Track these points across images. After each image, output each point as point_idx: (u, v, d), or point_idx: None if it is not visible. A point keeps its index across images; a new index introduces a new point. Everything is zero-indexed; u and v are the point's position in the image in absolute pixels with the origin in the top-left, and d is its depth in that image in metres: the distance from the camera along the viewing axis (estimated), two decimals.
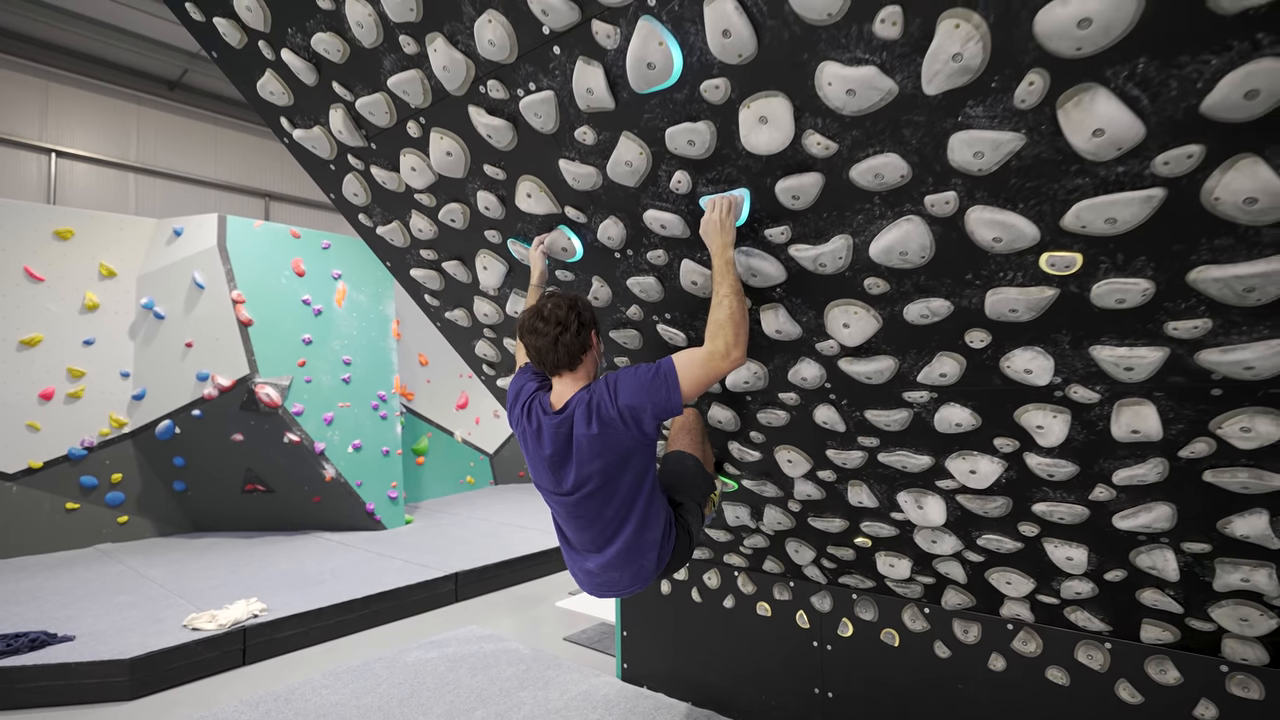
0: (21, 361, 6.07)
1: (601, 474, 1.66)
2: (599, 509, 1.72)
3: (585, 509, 1.73)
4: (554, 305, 1.72)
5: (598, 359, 1.81)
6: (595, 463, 1.65)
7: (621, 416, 1.60)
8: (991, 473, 1.82)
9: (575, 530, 1.80)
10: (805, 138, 1.40)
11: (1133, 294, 1.31)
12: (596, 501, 1.71)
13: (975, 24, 1.12)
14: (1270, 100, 1.00)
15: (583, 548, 1.82)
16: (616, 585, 1.81)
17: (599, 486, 1.68)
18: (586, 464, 1.66)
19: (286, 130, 2.21)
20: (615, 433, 1.61)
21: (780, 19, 1.27)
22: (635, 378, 1.62)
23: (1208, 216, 1.16)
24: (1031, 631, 2.23)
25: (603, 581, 1.81)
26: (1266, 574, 1.63)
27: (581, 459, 1.66)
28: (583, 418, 1.65)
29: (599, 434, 1.62)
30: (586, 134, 1.65)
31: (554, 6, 1.44)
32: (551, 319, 1.70)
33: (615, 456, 1.64)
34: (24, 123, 7.64)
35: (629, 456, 1.65)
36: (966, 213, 1.35)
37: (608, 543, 1.75)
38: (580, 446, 1.65)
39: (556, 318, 1.69)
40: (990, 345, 1.56)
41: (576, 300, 1.75)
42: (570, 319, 1.70)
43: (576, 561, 1.87)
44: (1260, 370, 1.29)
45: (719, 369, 1.55)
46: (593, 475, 1.66)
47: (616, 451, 1.64)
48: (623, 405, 1.60)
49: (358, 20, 1.70)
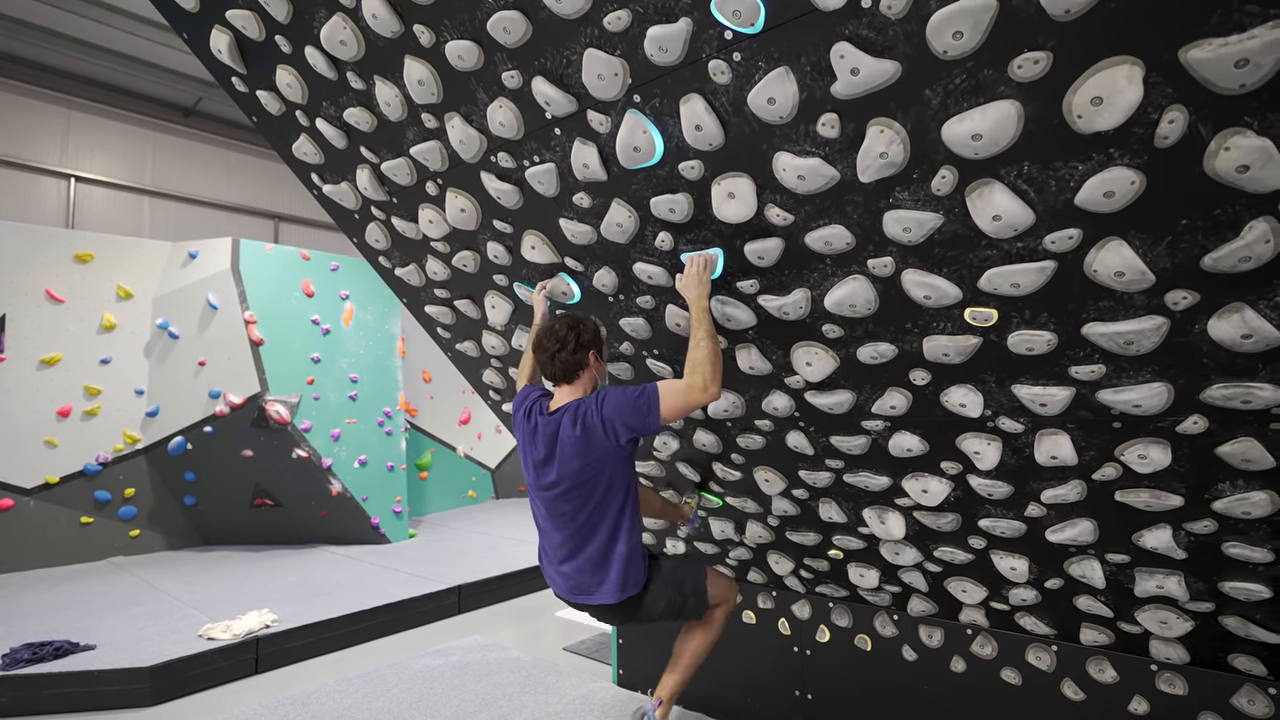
0: (41, 380, 6.31)
1: (578, 474, 1.91)
2: (573, 512, 1.95)
3: (561, 509, 1.96)
4: (560, 325, 2.00)
5: (597, 377, 2.07)
6: (573, 463, 1.91)
7: (603, 425, 1.86)
8: (941, 492, 2.06)
9: (552, 530, 2.02)
10: (767, 210, 1.66)
11: (1039, 343, 1.56)
12: (571, 503, 1.95)
13: (896, 130, 1.39)
14: (1124, 199, 1.26)
15: (556, 549, 2.03)
16: (587, 590, 2.01)
17: (573, 486, 1.93)
18: (566, 462, 1.92)
19: (316, 184, 2.47)
20: (595, 439, 1.87)
21: (742, 118, 1.53)
22: (622, 395, 1.88)
23: (1090, 284, 1.42)
24: (988, 635, 2.46)
25: (574, 585, 2.02)
26: (1176, 581, 1.87)
27: (563, 458, 1.92)
28: (569, 421, 1.91)
29: (580, 437, 1.89)
30: (583, 199, 1.92)
31: (555, 99, 1.70)
32: (554, 336, 1.97)
33: (592, 460, 1.90)
34: (46, 149, 7.94)
35: (604, 464, 1.90)
36: (901, 274, 1.61)
37: (579, 549, 1.98)
38: (563, 446, 1.92)
39: (558, 336, 1.97)
40: (930, 383, 1.81)
41: (580, 323, 2.01)
42: (569, 339, 1.96)
43: (552, 564, 2.08)
44: (1146, 408, 1.54)
45: (696, 400, 1.81)
46: (570, 474, 1.92)
47: (593, 455, 1.89)
48: (605, 415, 1.87)
49: (386, 100, 1.97)
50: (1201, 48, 1.08)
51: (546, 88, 1.70)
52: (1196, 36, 1.08)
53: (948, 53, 1.25)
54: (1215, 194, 1.21)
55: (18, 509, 6.12)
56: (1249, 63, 1.05)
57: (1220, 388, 1.44)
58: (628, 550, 1.98)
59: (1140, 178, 1.24)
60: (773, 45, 1.40)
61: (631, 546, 2.00)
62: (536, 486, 2.03)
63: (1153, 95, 1.15)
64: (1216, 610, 1.90)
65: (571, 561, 2.00)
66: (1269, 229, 1.20)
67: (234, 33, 2.09)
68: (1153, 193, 1.25)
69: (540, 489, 2.00)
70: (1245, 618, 1.87)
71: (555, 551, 2.05)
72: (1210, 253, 1.27)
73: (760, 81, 1.45)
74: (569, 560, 2.01)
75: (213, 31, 2.12)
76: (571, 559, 2.00)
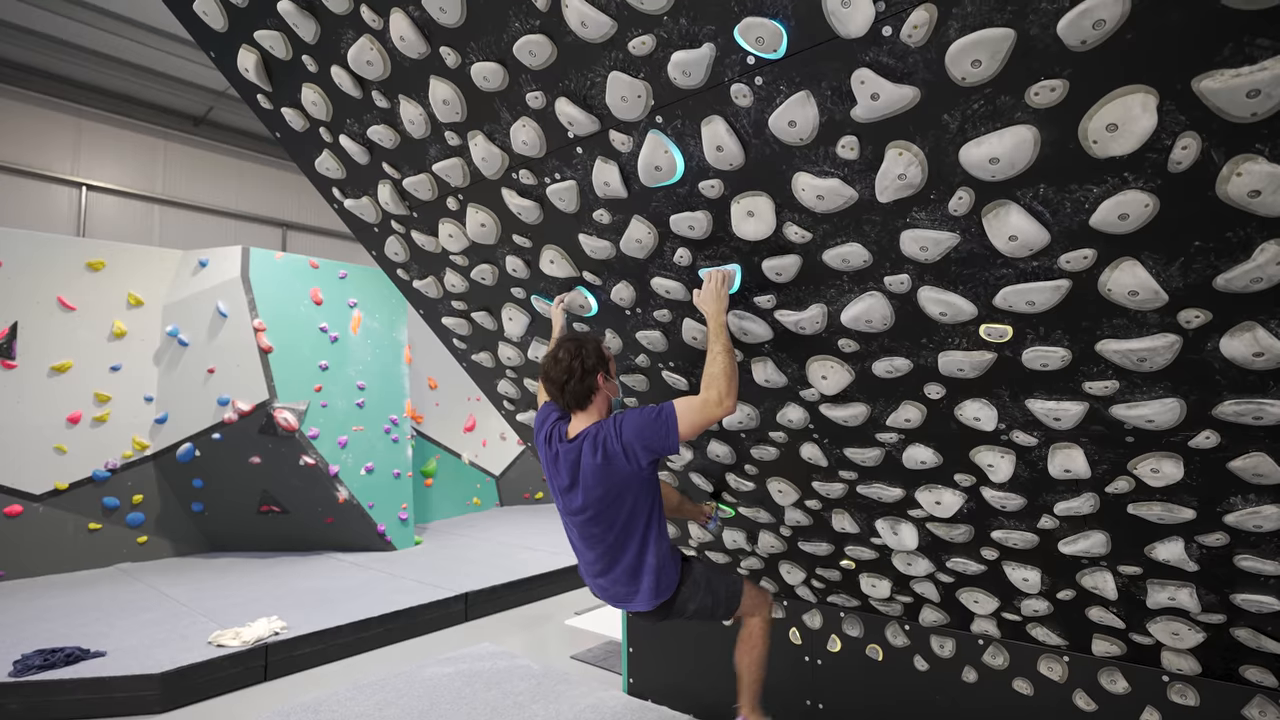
0: (52, 387, 6.36)
1: (603, 500, 1.95)
2: (602, 533, 2.01)
3: (591, 531, 2.03)
4: (564, 353, 1.97)
5: (609, 395, 2.09)
6: (598, 490, 1.94)
7: (624, 451, 1.89)
8: (954, 503, 2.09)
9: (585, 549, 2.10)
10: (785, 228, 1.70)
11: (1053, 359, 1.59)
12: (600, 526, 2.00)
13: (914, 152, 1.43)
14: (1138, 221, 1.30)
15: (591, 565, 2.12)
16: (625, 599, 2.11)
17: (600, 511, 1.97)
18: (591, 490, 1.95)
19: (338, 198, 2.52)
20: (617, 465, 1.90)
21: (763, 139, 1.57)
22: (640, 418, 1.90)
23: (1104, 302, 1.45)
24: (999, 646, 2.48)
25: (613, 594, 2.12)
26: (1188, 593, 1.89)
27: (587, 485, 1.95)
28: (590, 449, 1.92)
29: (602, 464, 1.91)
30: (603, 215, 1.96)
31: (578, 119, 1.75)
32: (560, 367, 1.96)
33: (615, 485, 1.93)
34: (58, 158, 8.03)
35: (627, 487, 1.94)
36: (917, 291, 1.65)
37: (613, 564, 2.05)
38: (586, 474, 1.94)
39: (564, 366, 1.95)
40: (945, 396, 1.84)
41: (582, 348, 1.97)
42: (575, 367, 1.94)
43: (589, 576, 2.17)
44: (1159, 423, 1.57)
45: (713, 415, 1.84)
46: (595, 500, 1.96)
47: (616, 480, 1.92)
48: (625, 441, 1.89)
49: (410, 118, 2.02)
50: (1214, 78, 1.12)
51: (570, 108, 1.74)
52: (1209, 68, 1.12)
53: (966, 79, 1.29)
54: (1227, 217, 1.24)
55: (27, 515, 6.16)
56: (1260, 93, 1.09)
57: (1232, 404, 1.47)
58: (658, 560, 2.04)
59: (1154, 201, 1.27)
60: (794, 70, 1.44)
61: (661, 555, 2.05)
62: (565, 510, 2.06)
63: (1166, 122, 1.19)
64: (1228, 622, 1.92)
65: (607, 575, 2.08)
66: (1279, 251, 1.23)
67: (261, 52, 2.14)
68: (1166, 215, 1.29)
69: (569, 513, 2.05)
70: (1257, 629, 1.89)
71: (590, 566, 2.12)
72: (1222, 273, 1.31)
73: (781, 105, 1.49)
74: (604, 574, 2.08)
75: (240, 50, 2.17)
76: (607, 573, 2.07)
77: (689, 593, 2.15)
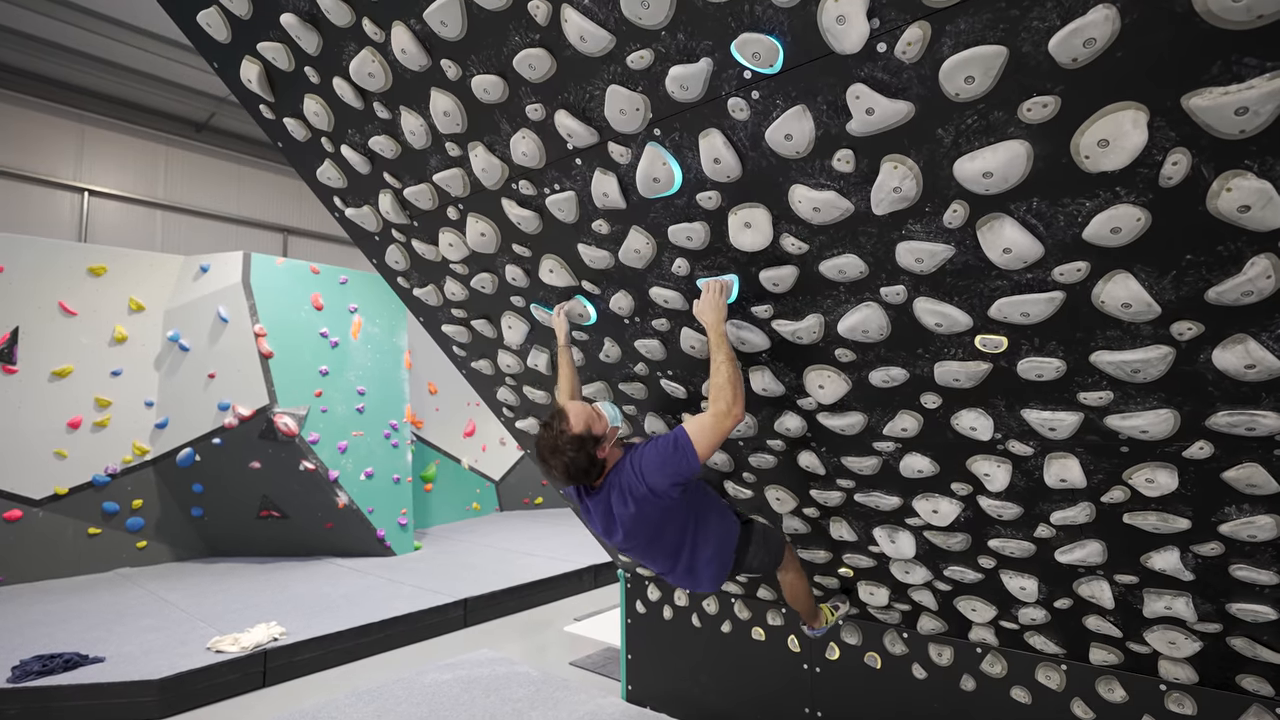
0: (53, 392, 6.37)
1: (645, 534, 1.98)
2: (652, 553, 2.06)
3: (639, 555, 2.08)
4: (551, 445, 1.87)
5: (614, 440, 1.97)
6: (637, 530, 1.95)
7: (652, 491, 1.86)
8: (951, 512, 2.09)
9: (643, 561, 2.13)
10: (782, 239, 1.71)
11: (1048, 370, 1.60)
12: (648, 555, 2.06)
13: (909, 166, 1.44)
14: (1130, 234, 1.31)
15: (652, 566, 2.15)
16: (690, 584, 2.16)
17: (645, 543, 2.01)
18: (631, 534, 1.95)
19: (339, 207, 2.53)
20: (649, 506, 1.88)
21: (759, 152, 1.59)
22: (658, 456, 1.84)
23: (1098, 314, 1.46)
24: (997, 654, 2.48)
25: (681, 583, 2.17)
26: (1184, 602, 1.90)
27: (626, 529, 1.94)
28: (619, 500, 1.90)
29: (636, 511, 1.89)
30: (602, 226, 1.97)
31: (577, 131, 1.76)
32: (558, 468, 1.88)
33: (654, 521, 1.94)
34: (60, 164, 8.06)
35: (666, 518, 1.95)
36: (913, 302, 1.66)
37: (671, 568, 2.10)
38: (622, 520, 1.92)
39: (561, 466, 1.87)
40: (941, 406, 1.85)
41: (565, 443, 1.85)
42: (577, 460, 1.86)
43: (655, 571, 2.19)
44: (1153, 434, 1.58)
45: (725, 427, 1.82)
46: (637, 537, 1.98)
47: (654, 517, 1.93)
48: (650, 484, 1.85)
49: (411, 129, 2.04)
50: (1203, 95, 1.13)
51: (569, 120, 1.76)
52: (1198, 85, 1.13)
53: (960, 95, 1.30)
54: (1218, 231, 1.26)
55: (26, 520, 6.16)
56: (1248, 110, 1.11)
57: (1225, 415, 1.48)
58: (714, 550, 2.09)
59: (1146, 215, 1.29)
60: (790, 85, 1.46)
61: (716, 543, 2.09)
62: (610, 543, 2.10)
63: (1157, 138, 1.21)
64: (1224, 631, 1.93)
65: (671, 574, 2.13)
66: (1270, 265, 1.25)
67: (264, 63, 2.16)
68: (1158, 229, 1.30)
69: (614, 544, 2.05)
70: (1253, 639, 1.89)
71: (653, 567, 2.15)
72: (1214, 286, 1.32)
73: (778, 119, 1.50)
74: (669, 573, 2.13)
75: (243, 62, 2.19)
76: (670, 572, 2.12)
77: (751, 553, 2.19)
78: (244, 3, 2.01)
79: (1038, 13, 1.18)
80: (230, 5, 2.03)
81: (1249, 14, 1.04)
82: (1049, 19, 1.17)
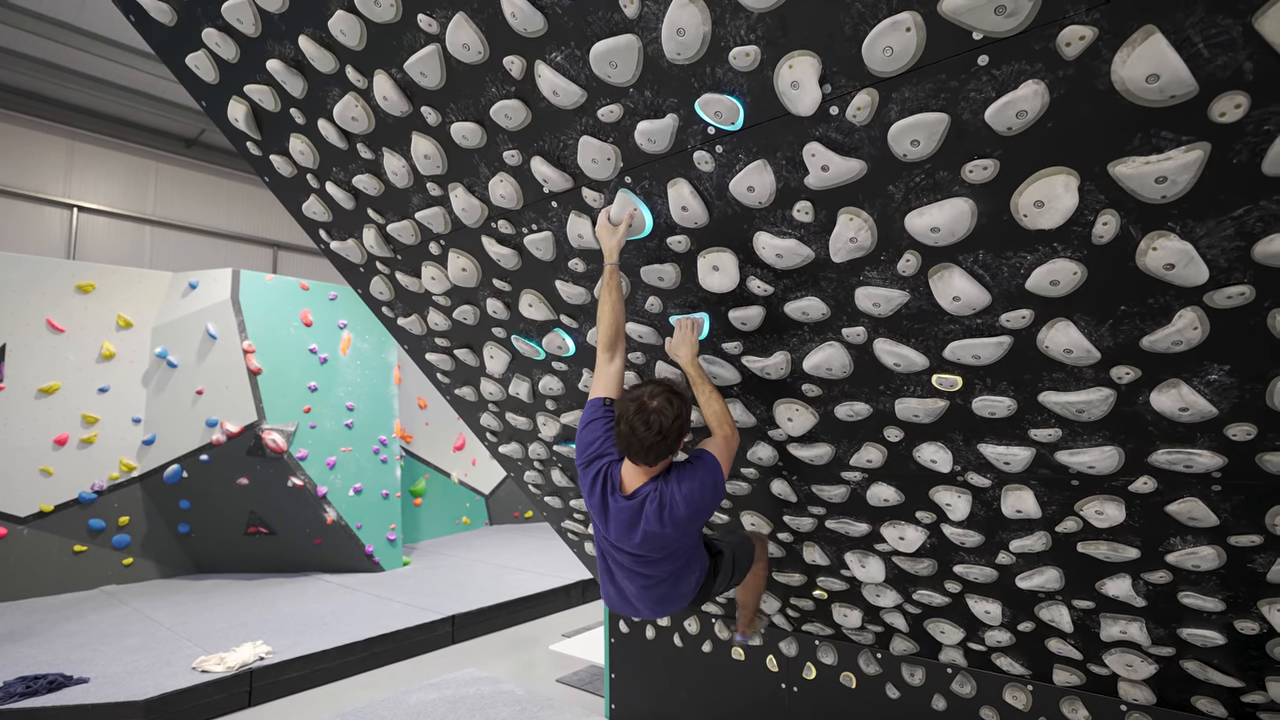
0: (39, 409, 6.35)
1: (660, 551, 1.87)
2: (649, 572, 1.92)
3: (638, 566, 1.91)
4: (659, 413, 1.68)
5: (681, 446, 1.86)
6: (656, 549, 1.85)
7: (691, 518, 1.78)
8: (917, 539, 2.16)
9: (623, 578, 1.94)
10: (748, 281, 1.79)
11: (1000, 408, 1.68)
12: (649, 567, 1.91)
13: (864, 218, 1.52)
14: (1068, 286, 1.40)
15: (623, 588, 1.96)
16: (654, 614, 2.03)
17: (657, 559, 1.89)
18: (649, 545, 1.82)
19: (324, 240, 2.59)
20: (682, 532, 1.82)
21: (725, 201, 1.67)
22: (700, 493, 1.76)
23: (1043, 357, 1.54)
24: (967, 675, 2.54)
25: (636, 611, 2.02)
26: (1138, 627, 1.98)
27: (647, 542, 1.83)
28: (654, 515, 1.76)
29: (670, 533, 1.78)
30: (578, 264, 2.04)
31: (551, 178, 1.84)
32: (655, 426, 1.68)
33: (674, 547, 1.86)
34: (50, 180, 8.07)
35: (683, 544, 1.88)
36: (873, 343, 1.74)
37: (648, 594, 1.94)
38: (649, 535, 1.79)
39: (660, 425, 1.68)
40: (903, 439, 1.92)
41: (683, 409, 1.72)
42: (672, 430, 1.70)
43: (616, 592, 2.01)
44: (1100, 469, 1.66)
45: (733, 447, 1.87)
46: (652, 552, 1.87)
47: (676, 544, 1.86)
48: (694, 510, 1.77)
49: (394, 170, 2.10)
50: (1126, 164, 1.22)
51: (544, 167, 1.83)
52: (1121, 154, 1.22)
53: (907, 156, 1.39)
54: (1148, 285, 1.34)
55: (11, 537, 6.13)
56: (1167, 179, 1.19)
57: (1165, 453, 1.56)
58: (689, 585, 1.97)
59: (1082, 269, 1.37)
60: (751, 141, 1.54)
61: (693, 580, 1.97)
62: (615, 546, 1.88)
63: (1088, 200, 1.29)
64: (1177, 655, 2.00)
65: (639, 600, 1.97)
66: (1196, 317, 1.33)
67: (251, 104, 2.23)
68: (1093, 282, 1.38)
69: (614, 548, 1.89)
70: (1204, 662, 1.97)
71: (621, 588, 1.97)
72: (1147, 335, 1.40)
73: (740, 171, 1.58)
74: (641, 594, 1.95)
75: (231, 101, 2.26)
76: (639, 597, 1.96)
77: (718, 582, 2.08)
78: (231, 47, 2.08)
79: (974, 85, 1.26)
80: (218, 50, 2.10)
81: (1162, 94, 1.12)
82: (985, 91, 1.26)
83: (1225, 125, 1.12)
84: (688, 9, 1.39)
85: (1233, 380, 1.39)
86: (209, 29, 2.06)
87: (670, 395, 1.73)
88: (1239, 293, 1.27)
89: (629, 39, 1.50)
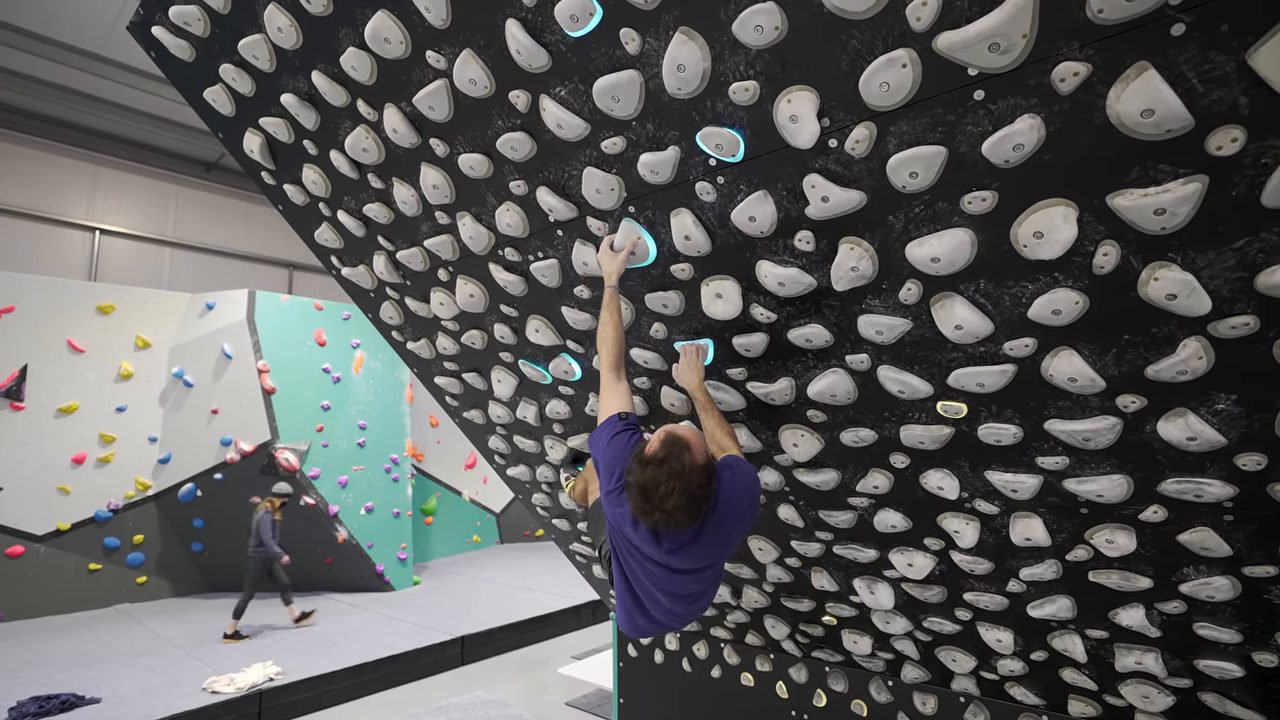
0: (58, 428, 6.46)
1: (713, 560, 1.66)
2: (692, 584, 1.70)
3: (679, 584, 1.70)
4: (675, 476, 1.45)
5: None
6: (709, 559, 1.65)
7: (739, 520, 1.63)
8: (926, 566, 2.14)
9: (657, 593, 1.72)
10: (752, 309, 1.80)
11: (1006, 435, 1.67)
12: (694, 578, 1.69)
13: (865, 247, 1.53)
14: (1070, 315, 1.39)
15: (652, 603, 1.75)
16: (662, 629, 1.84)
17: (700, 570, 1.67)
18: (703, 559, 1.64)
19: (336, 266, 2.64)
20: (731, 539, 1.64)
21: (727, 230, 1.68)
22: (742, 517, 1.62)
23: (1048, 386, 1.53)
24: (980, 704, 2.49)
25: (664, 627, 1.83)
26: (1154, 658, 1.93)
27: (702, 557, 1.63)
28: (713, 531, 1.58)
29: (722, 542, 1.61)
30: (583, 290, 2.07)
31: (556, 207, 1.87)
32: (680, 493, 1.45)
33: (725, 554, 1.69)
34: (73, 204, 8.29)
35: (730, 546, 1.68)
36: (877, 370, 1.74)
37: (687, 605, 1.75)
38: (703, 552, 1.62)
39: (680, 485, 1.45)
40: (909, 466, 1.91)
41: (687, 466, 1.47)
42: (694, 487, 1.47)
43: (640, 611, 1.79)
44: (1109, 497, 1.64)
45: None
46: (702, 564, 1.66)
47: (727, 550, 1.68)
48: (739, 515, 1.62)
49: (403, 199, 2.15)
50: (1124, 196, 1.22)
51: (549, 197, 1.86)
52: (1120, 187, 1.22)
53: (906, 187, 1.40)
54: (1151, 315, 1.34)
55: (28, 556, 6.21)
56: (1166, 211, 1.19)
57: (1174, 482, 1.54)
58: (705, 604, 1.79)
59: (1084, 298, 1.37)
60: (752, 173, 1.56)
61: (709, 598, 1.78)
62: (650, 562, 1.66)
63: (1087, 231, 1.29)
64: (1195, 686, 1.95)
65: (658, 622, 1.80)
66: (1200, 347, 1.32)
67: (265, 136, 2.29)
68: (1096, 311, 1.38)
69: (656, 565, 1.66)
70: (1223, 694, 1.92)
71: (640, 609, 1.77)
72: (1152, 364, 1.39)
73: (742, 202, 1.60)
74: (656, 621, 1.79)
75: (246, 133, 2.32)
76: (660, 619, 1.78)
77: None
78: (247, 82, 2.15)
79: (971, 119, 1.27)
80: (235, 84, 2.17)
81: (1158, 128, 1.13)
82: (981, 125, 1.27)
83: (1223, 158, 1.12)
84: (687, 46, 1.42)
85: (1240, 410, 1.37)
86: (226, 64, 2.13)
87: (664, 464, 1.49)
88: (1243, 323, 1.26)
89: (631, 74, 1.53)
